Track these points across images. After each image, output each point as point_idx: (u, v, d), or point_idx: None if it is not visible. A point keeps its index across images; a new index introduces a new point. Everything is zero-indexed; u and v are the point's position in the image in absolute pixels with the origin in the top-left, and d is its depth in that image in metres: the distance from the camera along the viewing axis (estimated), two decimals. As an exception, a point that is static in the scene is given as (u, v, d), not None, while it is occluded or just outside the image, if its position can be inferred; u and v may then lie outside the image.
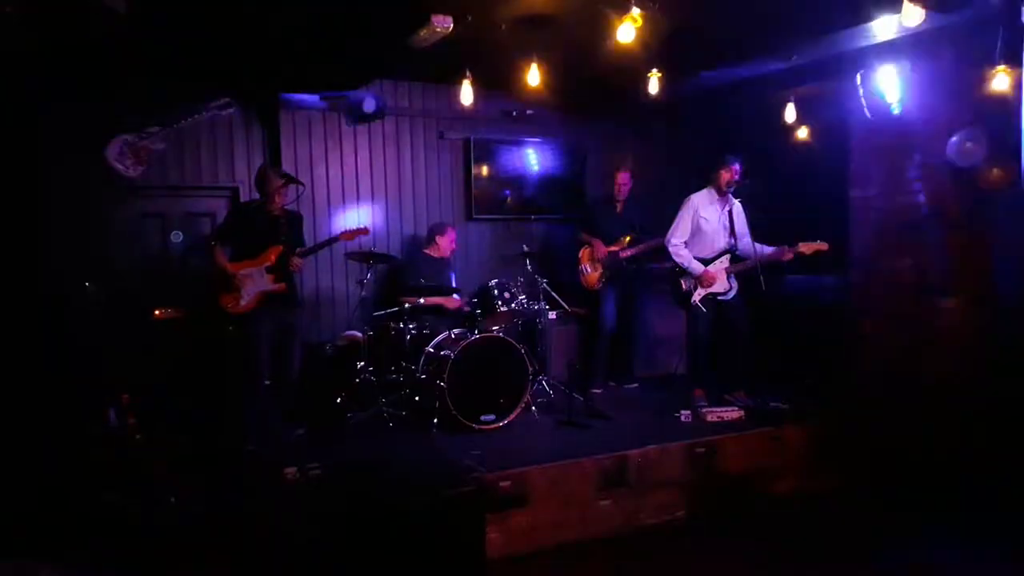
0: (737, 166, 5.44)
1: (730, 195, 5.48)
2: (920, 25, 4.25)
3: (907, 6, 4.10)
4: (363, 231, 5.43)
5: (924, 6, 4.09)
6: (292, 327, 5.19)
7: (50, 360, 5.14)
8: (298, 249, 5.13)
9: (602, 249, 6.30)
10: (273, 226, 5.06)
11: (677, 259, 5.53)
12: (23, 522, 3.83)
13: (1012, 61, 4.37)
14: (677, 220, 5.57)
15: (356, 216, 6.55)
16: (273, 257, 5.01)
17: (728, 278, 5.50)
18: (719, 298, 5.50)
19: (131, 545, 3.71)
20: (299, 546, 3.74)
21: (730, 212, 5.52)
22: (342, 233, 5.33)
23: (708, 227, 5.52)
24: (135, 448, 4.38)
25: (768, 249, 5.33)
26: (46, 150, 5.44)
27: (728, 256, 5.52)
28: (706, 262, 5.48)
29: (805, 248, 5.24)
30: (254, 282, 4.98)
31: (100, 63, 5.31)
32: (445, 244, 6.19)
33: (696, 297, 5.47)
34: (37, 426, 4.69)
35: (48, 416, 4.78)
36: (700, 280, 5.45)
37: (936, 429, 5.06)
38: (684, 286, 5.54)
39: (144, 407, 4.55)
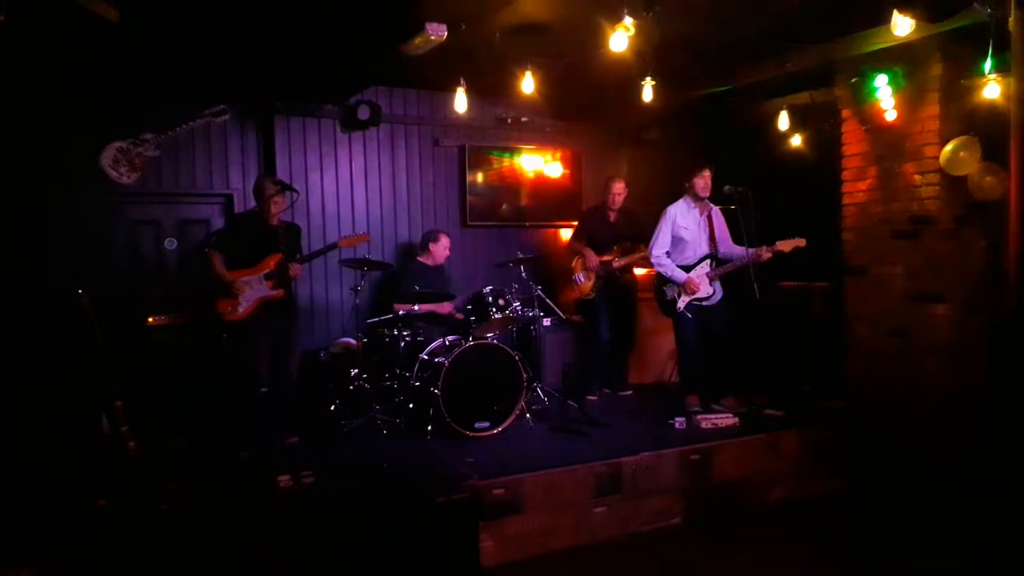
0: (707, 172, 5.51)
1: (708, 201, 5.52)
2: (911, 34, 4.28)
3: (897, 16, 4.13)
4: (363, 238, 5.43)
5: (914, 16, 4.12)
6: (289, 336, 5.18)
7: (43, 367, 5.12)
8: (297, 255, 5.14)
9: (594, 259, 6.30)
10: (270, 237, 5.06)
11: (660, 269, 5.59)
12: (14, 527, 3.81)
13: (1002, 70, 4.40)
14: (656, 232, 5.64)
15: (351, 223, 6.56)
16: (272, 264, 5.01)
17: (711, 283, 5.52)
18: (704, 304, 5.53)
19: (123, 552, 3.69)
20: (292, 554, 3.73)
21: (709, 218, 5.57)
22: (342, 239, 5.33)
23: (688, 235, 5.57)
24: (128, 455, 4.36)
25: (748, 251, 5.34)
26: (40, 157, 5.44)
27: (709, 261, 5.55)
28: (688, 268, 5.53)
29: (783, 246, 5.26)
30: (252, 289, 4.98)
31: (94, 70, 5.31)
32: (438, 251, 6.20)
33: (681, 304, 5.50)
34: (30, 432, 4.67)
35: (41, 423, 4.76)
36: (684, 287, 5.47)
37: (929, 435, 5.08)
38: (668, 295, 5.58)
39: (137, 414, 4.54)
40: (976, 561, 4.10)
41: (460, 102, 5.64)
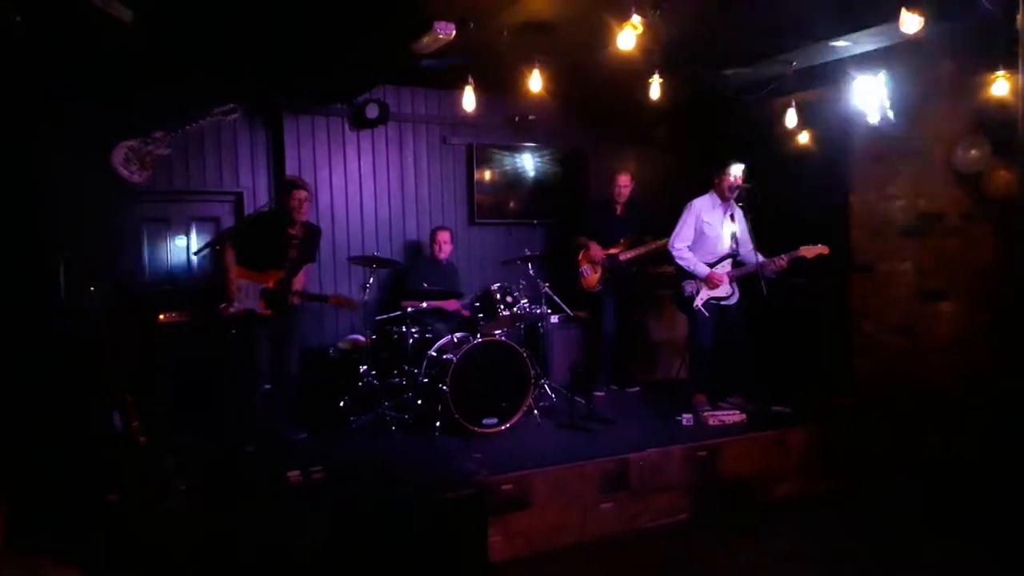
0: (740, 171, 5.46)
1: (732, 200, 5.49)
2: (920, 31, 4.28)
3: (905, 14, 4.13)
4: (354, 307, 5.33)
5: (923, 13, 4.12)
6: (290, 332, 5.19)
7: (55, 363, 5.17)
8: (296, 291, 5.12)
9: (599, 251, 6.31)
10: (286, 243, 5.03)
11: (681, 262, 5.52)
12: (30, 521, 3.86)
13: (1012, 66, 4.39)
14: (680, 225, 5.57)
15: (359, 220, 6.60)
16: (272, 283, 5.01)
17: (731, 283, 5.49)
18: (721, 303, 5.50)
19: (134, 546, 3.73)
20: (302, 549, 3.76)
21: (732, 217, 5.53)
22: (333, 296, 5.30)
23: (711, 232, 5.51)
24: (139, 451, 4.40)
25: (762, 260, 5.31)
26: (53, 156, 5.49)
27: (730, 261, 5.52)
28: (709, 266, 5.48)
29: (806, 252, 5.23)
30: (247, 296, 4.97)
31: (106, 70, 5.35)
32: (437, 248, 6.21)
33: (699, 301, 5.46)
34: (42, 428, 4.72)
35: (53, 418, 4.81)
36: (706, 281, 5.43)
37: (936, 431, 5.09)
38: (687, 291, 5.52)
39: (148, 410, 4.58)
40: (982, 559, 4.10)
41: (468, 100, 5.66)
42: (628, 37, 4.21)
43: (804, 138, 6.21)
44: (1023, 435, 4.42)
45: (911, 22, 4.18)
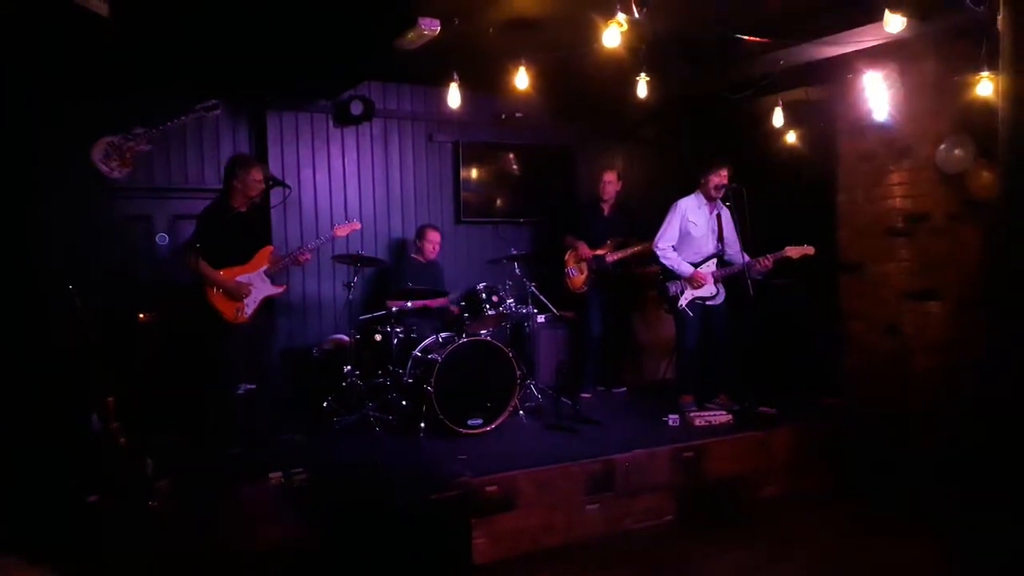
0: (725, 171, 5.44)
1: (718, 200, 5.49)
2: (903, 32, 4.28)
3: (889, 14, 4.13)
4: (355, 226, 5.41)
5: (905, 14, 4.12)
6: (270, 329, 5.13)
7: (34, 363, 5.09)
8: (299, 250, 5.10)
9: (586, 251, 6.29)
10: (249, 225, 4.96)
11: (665, 262, 5.52)
12: (6, 524, 3.80)
13: (995, 67, 4.39)
14: (665, 224, 5.57)
15: (343, 218, 6.51)
16: (266, 259, 4.93)
17: (715, 283, 5.49)
18: (707, 303, 5.49)
19: (114, 549, 3.68)
20: (285, 552, 3.72)
21: (718, 217, 5.52)
22: (335, 229, 5.31)
23: (696, 232, 5.51)
24: (119, 452, 4.34)
25: (748, 260, 5.30)
26: (31, 152, 5.40)
27: (715, 261, 5.51)
28: (694, 266, 5.48)
29: (792, 252, 5.23)
30: (256, 288, 4.89)
31: (85, 65, 5.27)
32: (426, 247, 6.16)
33: (683, 301, 5.47)
34: (20, 429, 4.64)
35: (31, 419, 4.74)
36: (690, 281, 5.43)
37: (923, 432, 5.09)
38: (671, 290, 5.52)
39: (128, 411, 4.51)
40: (969, 558, 4.11)
41: (454, 97, 5.62)
42: (613, 35, 4.18)
43: (791, 137, 6.21)
44: (1009, 434, 4.43)
45: (895, 22, 4.18)
